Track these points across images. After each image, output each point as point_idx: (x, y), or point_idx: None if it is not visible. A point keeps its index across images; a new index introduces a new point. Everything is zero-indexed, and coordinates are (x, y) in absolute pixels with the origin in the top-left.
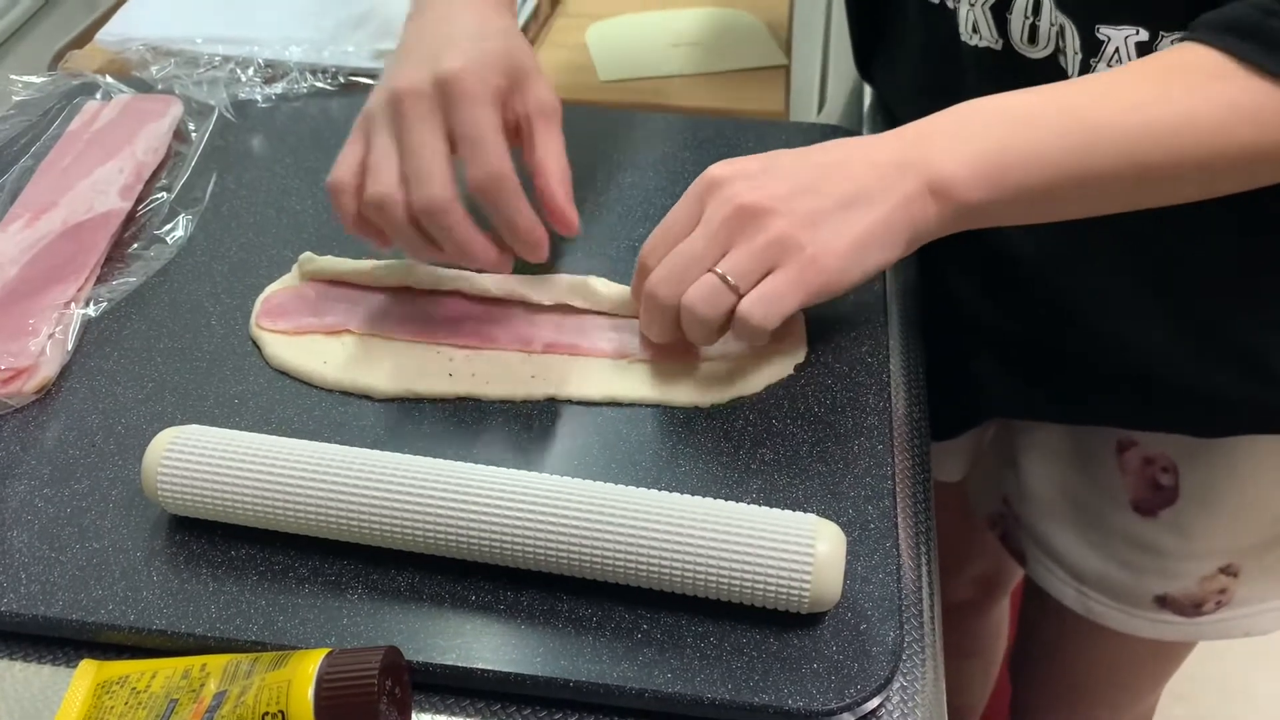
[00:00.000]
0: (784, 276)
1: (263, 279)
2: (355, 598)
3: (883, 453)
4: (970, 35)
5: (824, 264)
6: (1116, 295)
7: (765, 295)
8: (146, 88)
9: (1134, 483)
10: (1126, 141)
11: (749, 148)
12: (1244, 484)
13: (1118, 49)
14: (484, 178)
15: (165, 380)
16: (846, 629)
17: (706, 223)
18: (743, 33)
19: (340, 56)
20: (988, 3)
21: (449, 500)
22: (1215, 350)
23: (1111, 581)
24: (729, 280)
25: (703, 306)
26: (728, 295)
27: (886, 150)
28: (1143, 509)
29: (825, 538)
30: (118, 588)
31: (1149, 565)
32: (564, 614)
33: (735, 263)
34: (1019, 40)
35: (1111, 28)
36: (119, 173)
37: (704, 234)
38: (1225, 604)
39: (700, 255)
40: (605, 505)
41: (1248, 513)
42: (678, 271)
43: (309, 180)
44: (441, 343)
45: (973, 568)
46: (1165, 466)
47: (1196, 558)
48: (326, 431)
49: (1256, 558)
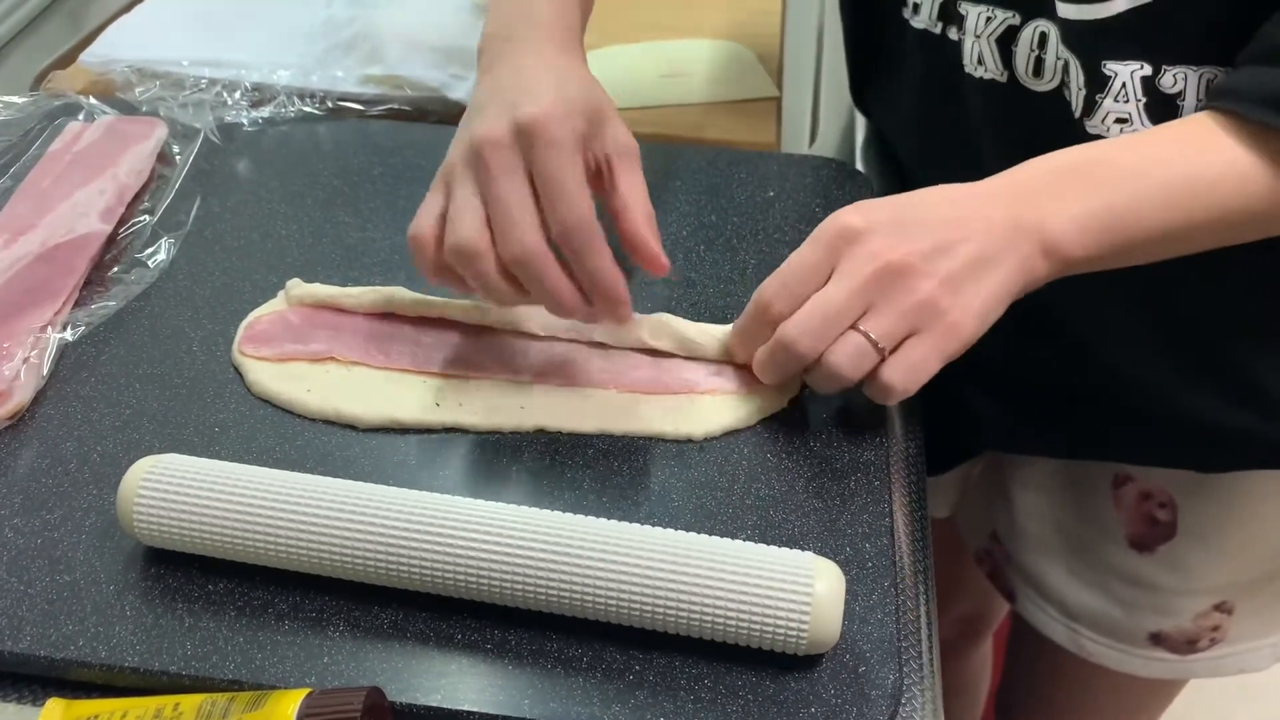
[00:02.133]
0: (927, 343)
1: (246, 304)
2: (337, 635)
3: (880, 489)
4: (975, 67)
5: (961, 330)
6: (1119, 331)
7: (909, 363)
8: (131, 109)
9: (1130, 518)
10: (1222, 193)
11: (741, 179)
12: (1242, 519)
13: (1124, 84)
14: (566, 227)
15: (143, 407)
16: (845, 671)
17: (848, 276)
18: (734, 64)
19: (329, 81)
20: (993, 35)
21: (434, 535)
22: (1220, 385)
23: (1104, 618)
24: (877, 343)
25: (848, 367)
26: (873, 358)
27: (1001, 208)
28: (1139, 544)
29: (824, 576)
30: (89, 623)
31: (1144, 602)
32: (553, 654)
33: (882, 325)
34: (1024, 73)
35: (1117, 63)
36: (100, 195)
37: (846, 289)
38: (1219, 641)
39: (842, 311)
40: (596, 541)
41: (1245, 548)
42: (818, 325)
43: (295, 205)
44: (428, 371)
45: (956, 608)
46: (1163, 502)
47: (1193, 594)
48: (309, 462)
49: (1251, 594)
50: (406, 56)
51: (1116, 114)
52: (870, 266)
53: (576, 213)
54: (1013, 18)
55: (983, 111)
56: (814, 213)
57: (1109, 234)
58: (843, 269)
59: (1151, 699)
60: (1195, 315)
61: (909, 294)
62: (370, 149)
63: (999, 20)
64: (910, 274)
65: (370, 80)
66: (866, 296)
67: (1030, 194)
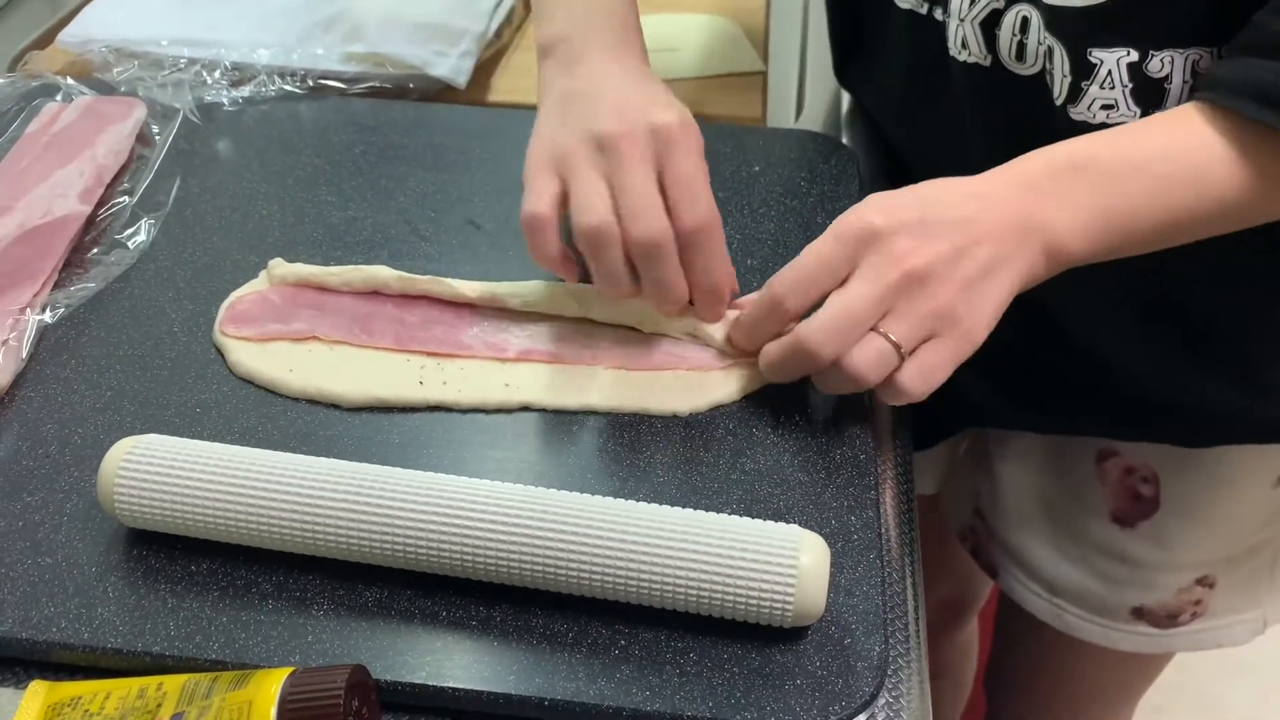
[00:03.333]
0: (943, 348)
1: (227, 284)
2: (321, 614)
3: (865, 462)
4: (959, 50)
5: (974, 335)
6: (1104, 309)
7: (926, 369)
8: (109, 90)
9: (1113, 493)
10: (1220, 186)
11: (727, 154)
12: (1224, 494)
13: (1110, 71)
14: (695, 224)
15: (124, 388)
16: (830, 643)
17: (871, 280)
18: (720, 39)
19: (309, 59)
20: (977, 18)
21: (418, 512)
22: (1206, 364)
23: (1086, 593)
24: (899, 347)
25: (870, 371)
26: (895, 361)
27: (1010, 208)
28: (1122, 519)
29: (809, 549)
30: (71, 604)
31: (1126, 577)
32: (538, 630)
33: (903, 330)
34: (1007, 57)
35: (1104, 51)
36: (79, 176)
37: (869, 293)
38: (1200, 615)
39: (866, 315)
40: (581, 517)
41: (1227, 523)
42: (841, 327)
43: (276, 184)
44: (412, 350)
45: (940, 590)
46: (1146, 477)
47: (1174, 569)
48: (292, 441)
49: (1232, 569)
50: (388, 34)
51: (1103, 100)
52: (896, 271)
53: (706, 211)
54: (996, 1)
55: (967, 94)
56: (799, 186)
57: (1109, 232)
58: (864, 272)
59: (1136, 673)
60: (1182, 295)
61: (930, 300)
62: (352, 127)
63: (982, 3)
64: (933, 280)
65: (351, 58)
66: (889, 301)
67: (1036, 193)
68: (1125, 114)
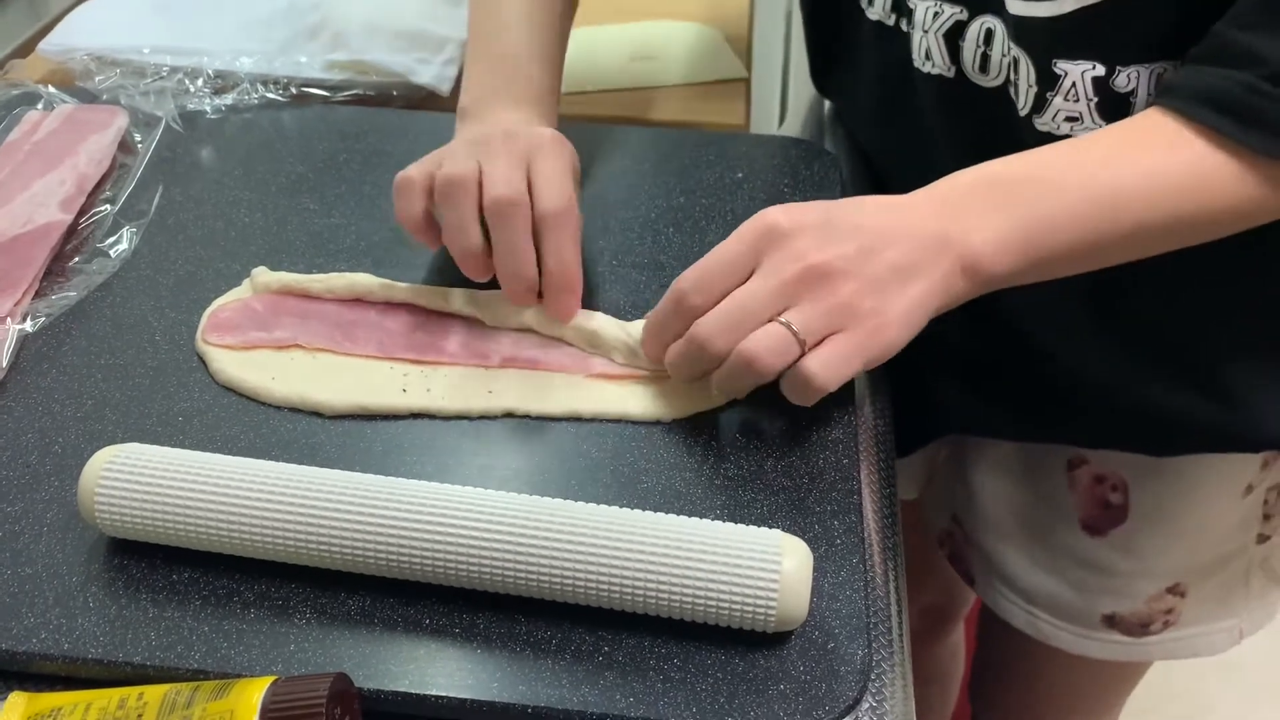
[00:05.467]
0: (849, 340)
1: (209, 293)
2: (303, 622)
3: (849, 466)
4: (923, 62)
5: (883, 332)
6: (1067, 317)
7: (831, 357)
8: (91, 98)
9: (1083, 501)
10: (1141, 206)
11: (710, 160)
12: (1194, 503)
13: (1075, 83)
14: (553, 208)
15: (106, 398)
16: (814, 648)
17: (770, 275)
18: (703, 46)
19: (292, 67)
20: (941, 30)
21: (401, 520)
22: (1174, 373)
23: (1059, 601)
24: (798, 335)
25: (767, 357)
26: (794, 349)
27: (928, 221)
28: (1092, 527)
29: (791, 554)
30: (51, 615)
31: (1097, 585)
32: (522, 637)
33: (802, 319)
34: (971, 69)
35: (1069, 62)
36: (60, 184)
37: (767, 286)
38: (1173, 624)
39: (762, 307)
40: (564, 523)
41: (1196, 532)
42: (735, 320)
43: (259, 192)
44: (395, 357)
45: (923, 597)
46: (1115, 485)
47: (1145, 577)
48: (274, 449)
49: (1204, 578)
50: (370, 42)
51: (1067, 112)
52: (794, 266)
53: (564, 200)
54: (960, 13)
55: (932, 105)
56: (782, 193)
57: (1029, 251)
58: (765, 267)
59: (1113, 681)
60: (1149, 306)
61: (832, 294)
62: (335, 135)
63: (946, 15)
64: (834, 275)
65: (334, 66)
66: (787, 295)
67: (956, 209)
68: (1090, 126)
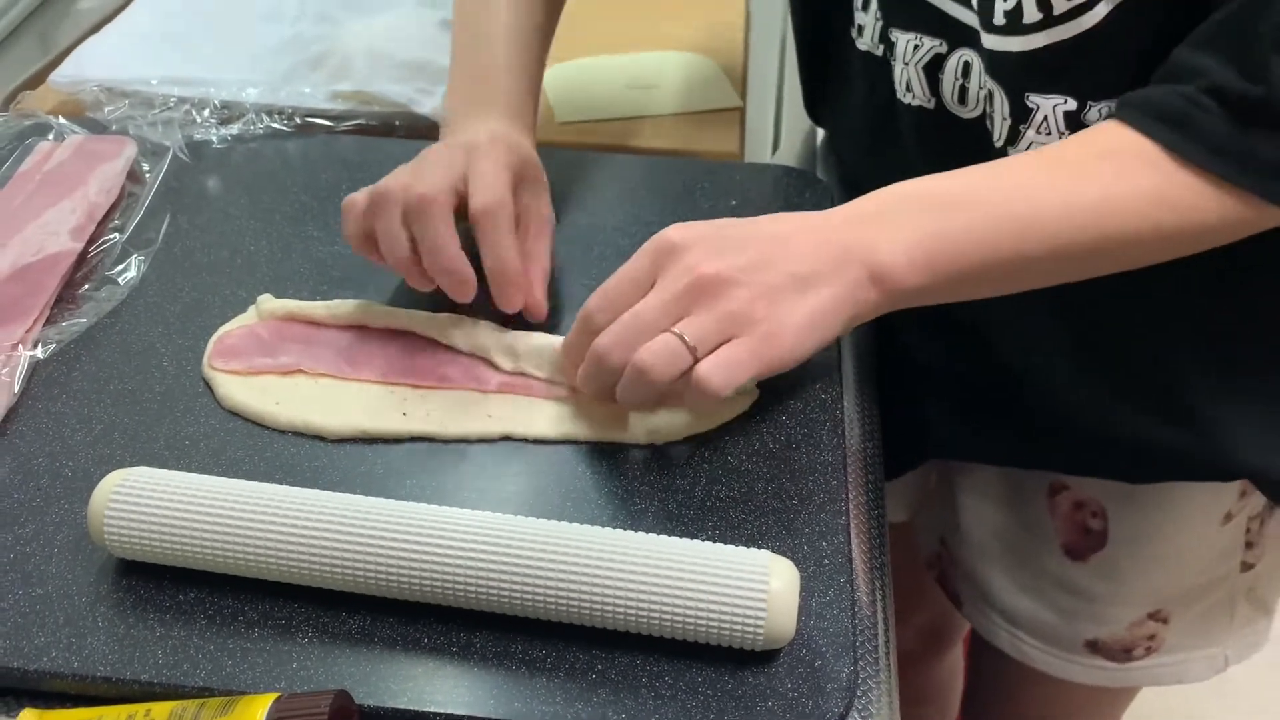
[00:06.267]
0: (743, 345)
1: (216, 320)
2: (305, 641)
3: (837, 488)
4: (904, 94)
5: (780, 339)
6: (1043, 344)
7: (724, 361)
8: (100, 128)
9: (1065, 526)
10: (1054, 227)
11: (705, 189)
12: (1172, 531)
13: (1046, 117)
14: (484, 205)
15: (115, 422)
16: (801, 665)
17: (664, 288)
18: (699, 75)
19: (297, 97)
20: (921, 62)
21: (401, 541)
22: (1146, 402)
23: (1043, 625)
24: (689, 342)
25: (659, 366)
26: (685, 357)
27: (834, 233)
28: (1073, 553)
29: (779, 574)
30: (61, 634)
31: (1079, 609)
32: (517, 655)
33: (695, 328)
34: (950, 100)
35: (1041, 96)
36: (71, 213)
37: (661, 299)
38: (1156, 650)
39: (656, 319)
40: (558, 544)
41: (1176, 559)
42: (630, 333)
43: (264, 220)
44: (396, 382)
45: (918, 617)
46: (1095, 511)
47: (1126, 603)
48: (278, 473)
49: (1186, 605)
50: (374, 72)
51: (1040, 145)
52: (686, 278)
53: (496, 196)
54: (940, 46)
55: (915, 135)
56: None
57: (938, 264)
58: (661, 282)
59: (1101, 705)
60: (1120, 335)
61: (725, 302)
62: (338, 164)
63: (926, 48)
64: (727, 284)
65: (338, 96)
66: (681, 306)
67: (865, 221)
68: None
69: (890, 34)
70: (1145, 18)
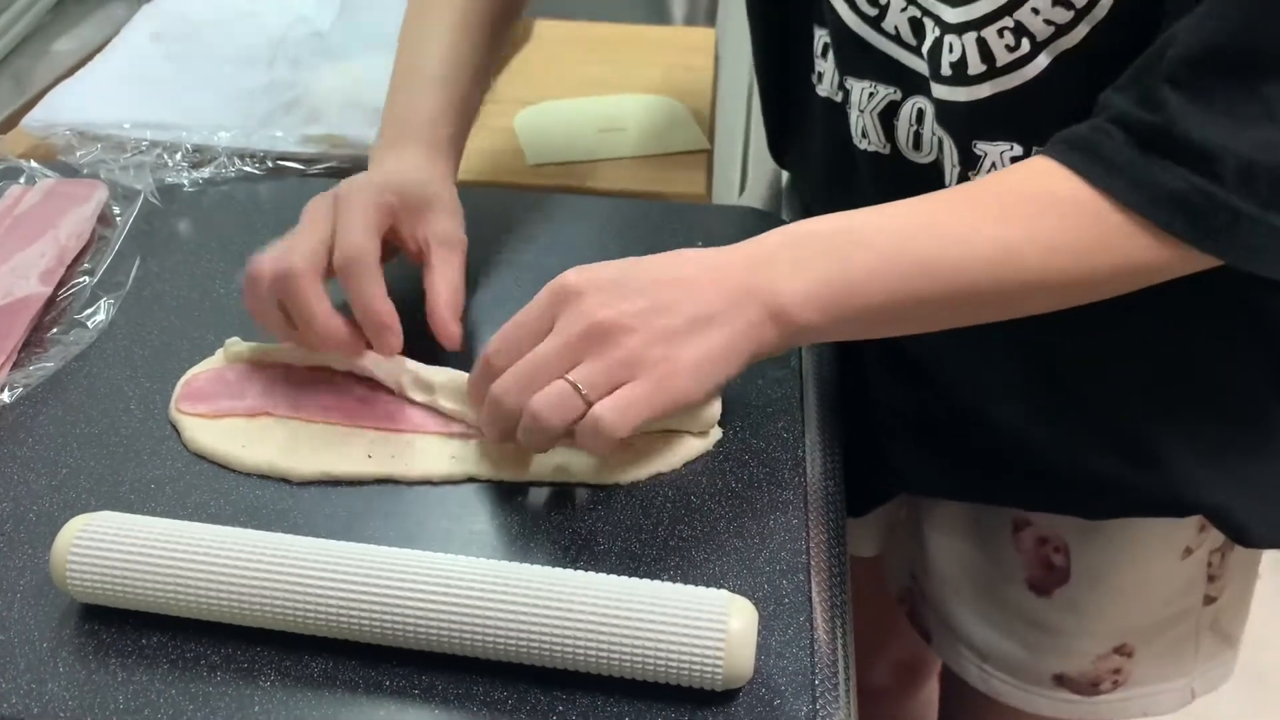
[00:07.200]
0: (637, 388)
1: (184, 363)
2: (268, 685)
3: (797, 527)
4: (860, 140)
5: (675, 381)
6: (996, 380)
7: (619, 403)
8: (72, 172)
9: (1029, 561)
10: (953, 270)
11: (673, 229)
12: (1132, 565)
13: (994, 163)
14: (345, 257)
15: (80, 466)
16: (760, 704)
17: (559, 334)
18: (667, 118)
19: (268, 141)
20: (875, 109)
21: (361, 585)
22: (1100, 439)
23: (1011, 659)
24: (580, 389)
25: (550, 412)
26: (577, 403)
27: (734, 273)
28: (1037, 587)
29: (737, 614)
30: (22, 680)
31: (1045, 644)
32: (479, 697)
33: (587, 373)
34: (905, 146)
35: (988, 144)
36: (40, 257)
37: (556, 345)
38: (1123, 684)
39: (550, 365)
40: (519, 587)
41: (1137, 593)
42: (525, 378)
43: (234, 264)
44: (361, 425)
45: (892, 652)
46: (1058, 546)
47: (1090, 637)
48: (244, 516)
49: (1149, 639)
50: (346, 116)
51: None
52: (581, 324)
53: (356, 245)
54: (894, 93)
55: (872, 179)
56: None
57: (837, 303)
58: (557, 327)
59: None
60: (1072, 375)
61: (617, 348)
62: None
63: (881, 96)
64: (620, 330)
65: (310, 140)
66: (575, 352)
67: (766, 260)
68: None
69: (846, 82)
70: (1084, 67)
